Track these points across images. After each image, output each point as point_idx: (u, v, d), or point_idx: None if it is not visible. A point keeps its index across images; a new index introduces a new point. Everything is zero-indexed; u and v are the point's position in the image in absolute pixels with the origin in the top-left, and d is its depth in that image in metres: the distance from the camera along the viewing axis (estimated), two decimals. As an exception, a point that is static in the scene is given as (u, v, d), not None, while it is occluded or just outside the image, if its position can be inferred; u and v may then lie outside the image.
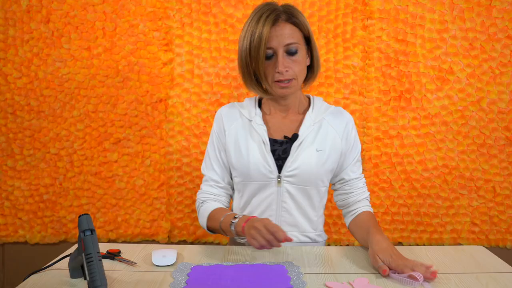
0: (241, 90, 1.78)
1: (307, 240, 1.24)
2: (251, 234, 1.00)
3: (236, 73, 1.77)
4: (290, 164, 1.18)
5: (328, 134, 1.22)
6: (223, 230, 1.13)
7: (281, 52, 1.14)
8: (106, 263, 1.02)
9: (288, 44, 1.14)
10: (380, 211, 1.83)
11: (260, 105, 1.28)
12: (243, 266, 1.00)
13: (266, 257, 1.07)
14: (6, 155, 1.81)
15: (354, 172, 1.26)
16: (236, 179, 1.25)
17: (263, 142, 1.19)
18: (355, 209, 1.24)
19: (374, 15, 1.75)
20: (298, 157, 1.18)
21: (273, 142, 1.20)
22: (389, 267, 0.97)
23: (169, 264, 1.02)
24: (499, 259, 1.09)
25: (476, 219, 1.83)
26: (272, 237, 0.96)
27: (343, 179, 1.26)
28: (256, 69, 1.15)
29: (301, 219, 1.22)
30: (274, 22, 1.13)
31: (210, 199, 1.25)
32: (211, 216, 1.19)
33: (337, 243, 1.84)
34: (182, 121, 1.79)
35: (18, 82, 1.78)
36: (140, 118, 1.80)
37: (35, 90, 1.79)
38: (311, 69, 1.24)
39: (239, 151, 1.21)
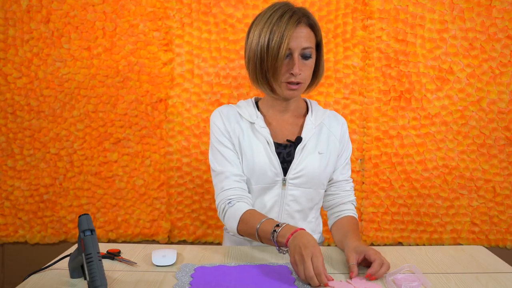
0: (241, 90, 1.78)
1: None
2: (295, 259, 0.93)
3: (236, 73, 1.77)
4: (295, 166, 1.17)
5: (328, 137, 1.23)
6: (259, 237, 1.05)
7: (297, 55, 1.12)
8: (106, 263, 1.02)
9: (305, 48, 1.12)
10: (380, 211, 1.83)
11: (257, 108, 1.26)
12: (247, 267, 0.99)
13: (269, 258, 1.07)
14: (6, 155, 1.81)
15: (343, 174, 1.26)
16: None
17: (268, 144, 1.17)
18: (338, 212, 1.24)
19: (374, 15, 1.75)
20: (302, 160, 1.18)
21: (277, 145, 1.19)
22: (362, 257, 0.99)
23: (169, 264, 1.01)
24: (499, 259, 1.09)
25: (476, 219, 1.83)
26: (314, 276, 0.89)
27: (332, 179, 1.26)
28: (271, 67, 1.11)
29: (301, 223, 1.22)
30: (297, 24, 1.11)
31: (238, 197, 1.14)
32: (243, 219, 1.09)
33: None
34: (182, 121, 1.79)
35: (18, 82, 1.78)
36: (140, 118, 1.80)
37: (35, 90, 1.79)
38: (315, 75, 1.22)
39: (243, 153, 1.18)
